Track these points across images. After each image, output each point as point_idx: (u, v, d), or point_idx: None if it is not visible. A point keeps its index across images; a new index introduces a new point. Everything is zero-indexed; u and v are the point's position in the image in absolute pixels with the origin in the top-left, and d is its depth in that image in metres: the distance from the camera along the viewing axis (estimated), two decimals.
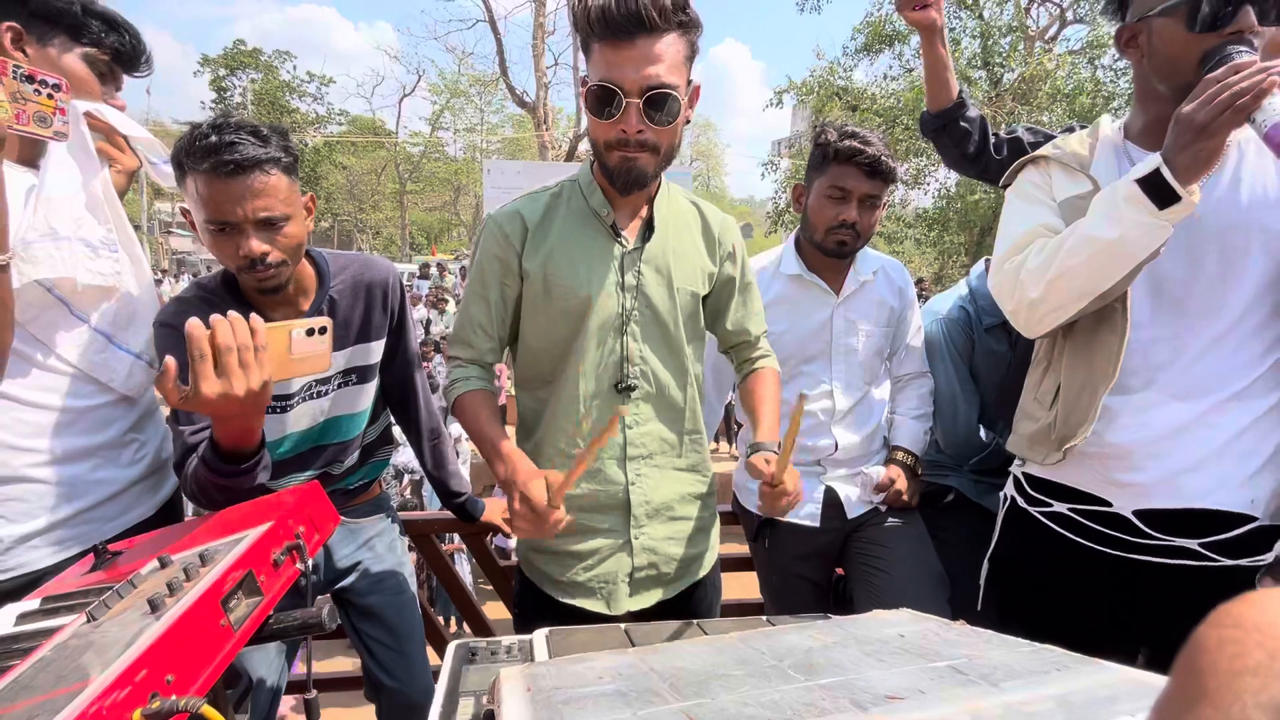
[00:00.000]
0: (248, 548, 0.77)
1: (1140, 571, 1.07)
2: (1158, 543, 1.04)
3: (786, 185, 12.59)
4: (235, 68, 26.92)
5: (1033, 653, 0.60)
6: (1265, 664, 0.21)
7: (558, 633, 0.94)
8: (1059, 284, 1.03)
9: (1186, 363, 1.02)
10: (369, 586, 1.43)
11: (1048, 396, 1.16)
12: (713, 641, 0.74)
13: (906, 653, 0.62)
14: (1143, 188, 0.92)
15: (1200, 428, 1.01)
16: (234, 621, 0.71)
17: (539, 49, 17.23)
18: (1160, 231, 0.94)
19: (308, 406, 1.26)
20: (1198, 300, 1.02)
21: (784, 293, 1.52)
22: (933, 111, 1.47)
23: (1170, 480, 1.03)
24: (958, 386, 1.60)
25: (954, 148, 1.51)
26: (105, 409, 1.17)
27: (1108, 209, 0.98)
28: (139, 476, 1.22)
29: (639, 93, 1.00)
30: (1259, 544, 1.00)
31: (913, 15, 1.38)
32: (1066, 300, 1.04)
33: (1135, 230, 0.94)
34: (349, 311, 1.27)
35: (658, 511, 1.21)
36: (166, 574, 0.75)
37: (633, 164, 1.06)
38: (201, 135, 1.04)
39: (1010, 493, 1.29)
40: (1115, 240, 0.95)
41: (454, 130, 32.29)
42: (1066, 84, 10.05)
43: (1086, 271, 1.00)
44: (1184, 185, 0.90)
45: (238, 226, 1.07)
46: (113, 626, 0.66)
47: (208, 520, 1.00)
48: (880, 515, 1.51)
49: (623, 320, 1.15)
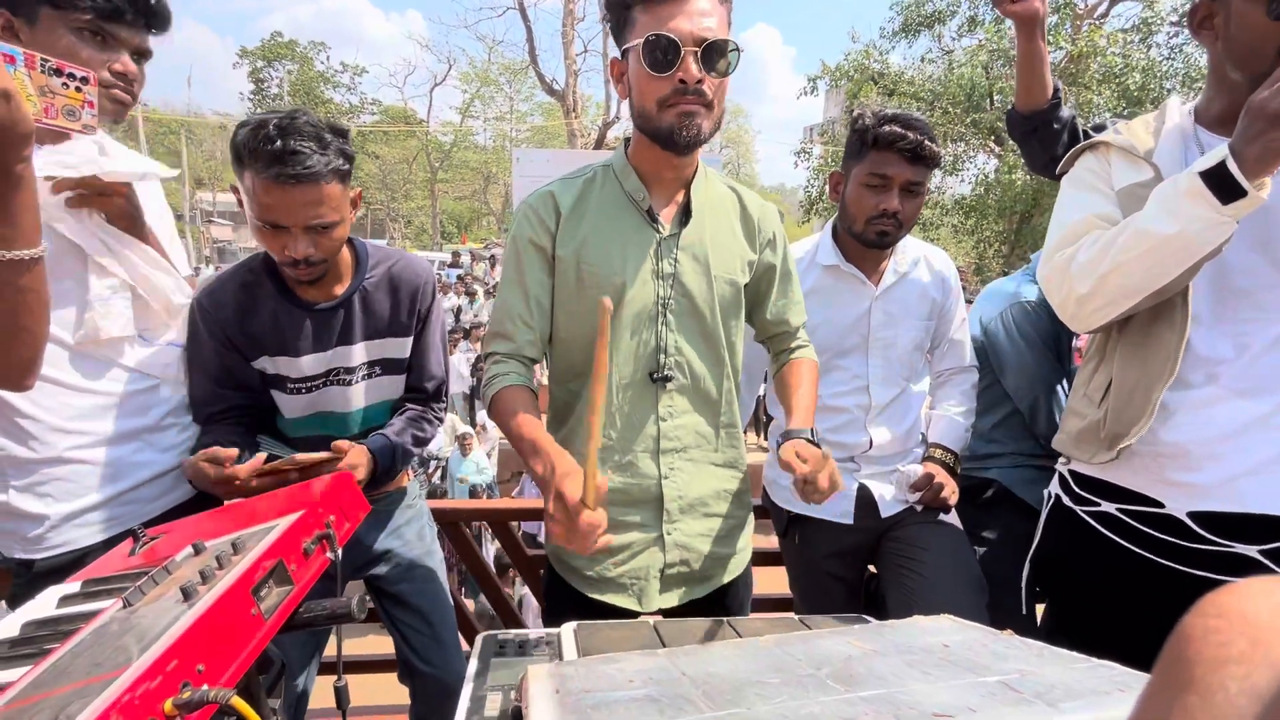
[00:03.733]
0: (279, 537, 0.77)
1: (1190, 586, 1.01)
2: (1211, 548, 0.98)
3: (820, 173, 12.33)
4: (272, 59, 27.48)
5: (1090, 670, 0.57)
6: (1248, 652, 0.21)
7: (585, 627, 0.93)
8: (1111, 280, 0.98)
9: (1252, 358, 0.96)
10: (399, 574, 1.45)
11: (1098, 393, 1.11)
12: (746, 645, 0.71)
13: (953, 665, 0.59)
14: (1205, 181, 0.87)
15: (1265, 428, 0.95)
16: (265, 611, 0.71)
17: (569, 36, 17.15)
18: (1223, 228, 0.88)
19: (336, 391, 1.30)
20: (1267, 292, 0.96)
21: (820, 284, 1.48)
22: (1024, 111, 1.33)
23: (1230, 483, 0.97)
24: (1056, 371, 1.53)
25: (1043, 151, 1.37)
26: (145, 394, 1.20)
27: (1167, 202, 0.92)
28: (179, 460, 1.24)
29: (695, 42, 1.00)
30: None
31: (1014, 8, 1.22)
32: (1118, 297, 1.00)
33: (1195, 225, 0.89)
34: (380, 305, 1.30)
35: (691, 507, 1.18)
36: (200, 561, 0.76)
37: (692, 117, 1.03)
38: (267, 138, 1.06)
39: (1055, 490, 1.24)
40: (1173, 236, 0.90)
41: (484, 119, 32.47)
42: (1118, 63, 9.60)
43: (1141, 268, 0.95)
44: (1252, 179, 0.84)
45: (288, 229, 1.11)
46: (147, 613, 0.66)
47: (241, 507, 1.01)
48: (915, 515, 1.46)
49: (658, 309, 1.12)
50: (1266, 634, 0.21)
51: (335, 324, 1.27)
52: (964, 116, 10.69)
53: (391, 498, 1.46)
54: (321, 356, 1.27)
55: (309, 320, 1.25)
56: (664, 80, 1.01)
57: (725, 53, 1.02)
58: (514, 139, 30.51)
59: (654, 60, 1.00)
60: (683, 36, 0.99)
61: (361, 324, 1.29)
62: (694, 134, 1.04)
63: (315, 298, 1.25)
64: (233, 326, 1.22)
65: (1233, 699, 0.21)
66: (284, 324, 1.24)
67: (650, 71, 1.01)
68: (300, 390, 1.28)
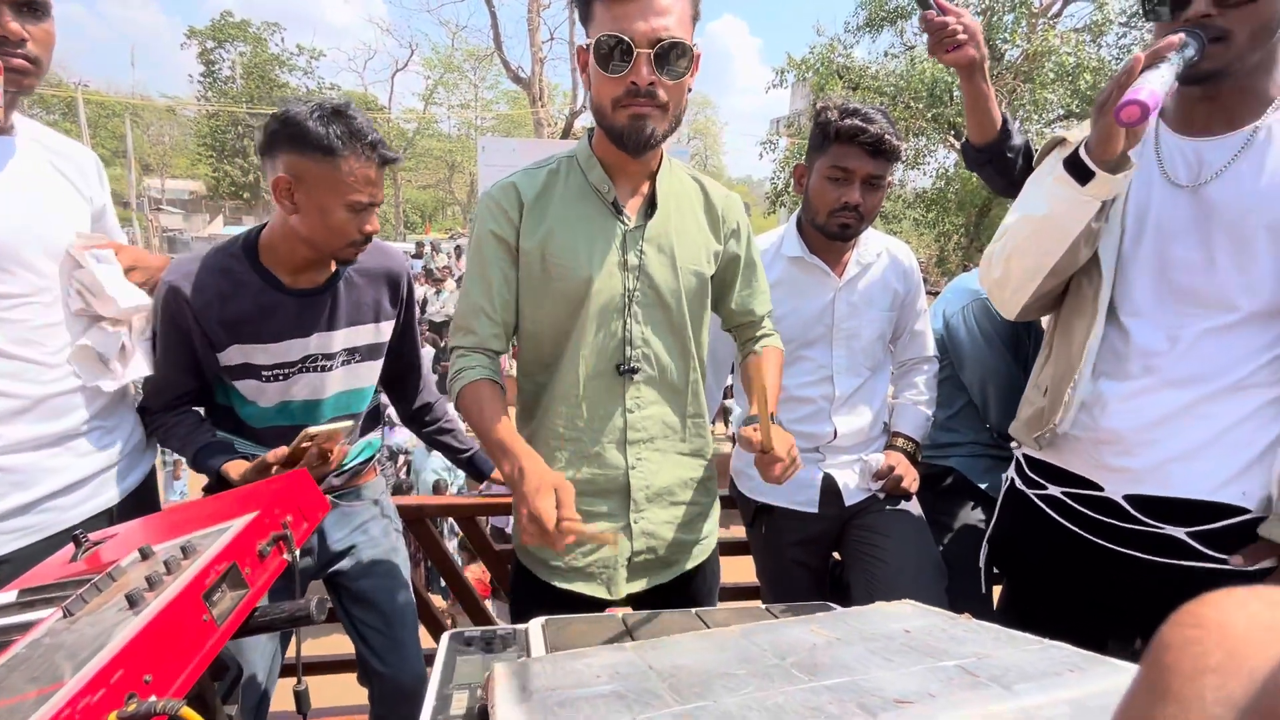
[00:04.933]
0: (232, 539, 0.74)
1: (1130, 567, 1.06)
2: (1146, 530, 1.03)
3: (785, 165, 12.43)
4: (223, 40, 26.33)
5: (1042, 651, 0.58)
6: (1225, 663, 0.21)
7: (553, 622, 0.92)
8: (1013, 263, 1.09)
9: (1183, 349, 1.00)
10: (362, 570, 1.42)
11: (1045, 383, 1.16)
12: (713, 636, 0.72)
13: (913, 651, 0.61)
14: (1066, 167, 0.96)
15: (1193, 416, 1.00)
16: (217, 616, 0.68)
17: (534, 23, 16.88)
18: (1086, 207, 0.97)
19: (312, 378, 1.29)
20: (1206, 288, 1.00)
21: (785, 275, 1.49)
22: (977, 145, 1.38)
23: (1161, 467, 1.02)
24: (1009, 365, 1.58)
25: (1000, 177, 1.42)
26: (64, 397, 1.13)
27: (1041, 188, 1.02)
28: (103, 465, 1.19)
29: (649, 44, 0.98)
30: (1250, 538, 0.98)
31: (948, 57, 1.26)
32: (1022, 279, 1.09)
33: (1061, 206, 0.98)
34: (362, 291, 1.32)
35: (658, 495, 1.19)
36: (147, 567, 0.73)
37: (643, 121, 1.02)
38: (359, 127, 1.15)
39: (1011, 474, 1.29)
40: (1047, 217, 1.01)
41: (448, 106, 31.79)
42: (1070, 62, 9.90)
43: (1030, 249, 1.05)
44: (1096, 160, 0.93)
45: (370, 208, 1.19)
46: (89, 623, 0.63)
47: (193, 508, 0.97)
48: (878, 502, 1.50)
49: (625, 301, 1.12)
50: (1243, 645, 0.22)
51: (320, 310, 1.27)
52: (925, 111, 10.90)
53: (358, 492, 1.44)
54: (302, 342, 1.26)
55: (294, 305, 1.25)
56: (616, 81, 1.00)
57: (681, 55, 1.00)
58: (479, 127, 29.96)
59: (605, 61, 0.99)
60: (636, 37, 0.97)
61: (345, 310, 1.30)
62: (644, 138, 1.03)
63: (301, 283, 1.25)
64: (212, 313, 1.20)
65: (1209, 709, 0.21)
66: (267, 310, 1.22)
67: (603, 72, 1.00)
68: (275, 378, 1.26)
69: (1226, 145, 0.98)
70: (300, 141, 1.11)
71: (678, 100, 1.05)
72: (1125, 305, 1.06)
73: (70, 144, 1.23)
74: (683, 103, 1.07)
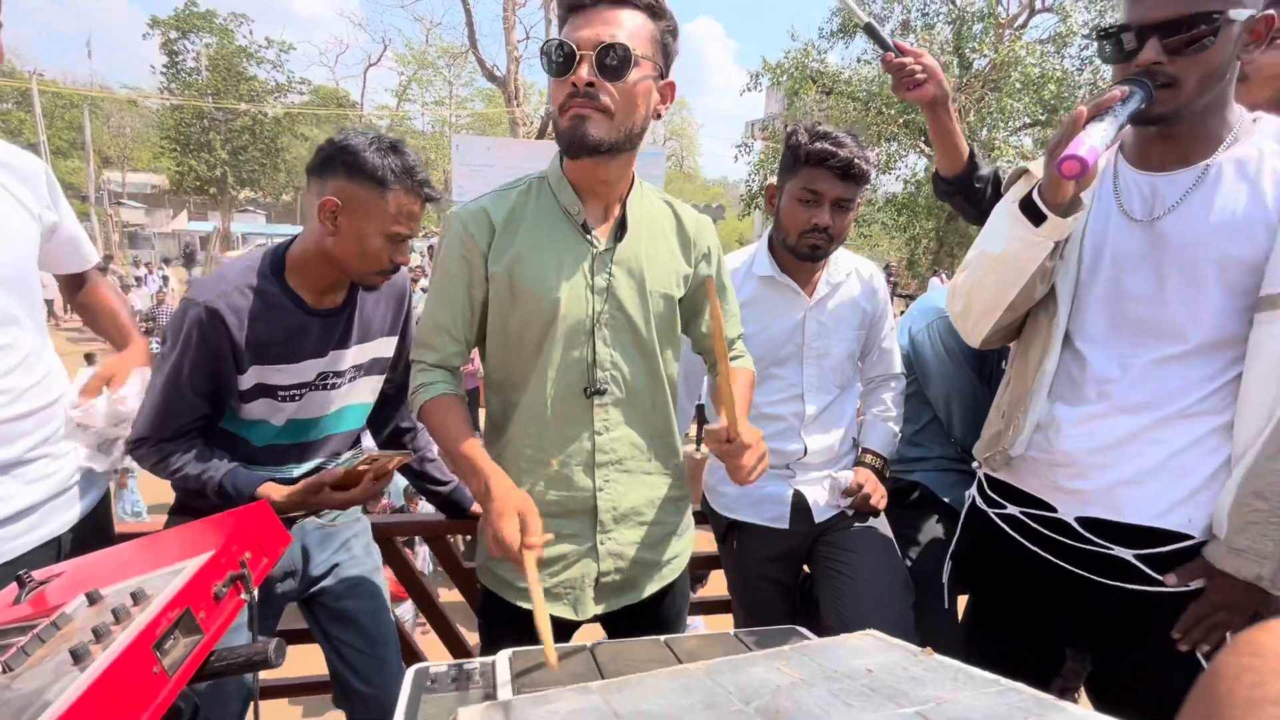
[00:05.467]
0: (185, 583, 0.72)
1: (1081, 586, 1.10)
2: (1097, 550, 1.06)
3: (760, 167, 12.54)
4: (188, 30, 25.53)
5: (999, 694, 0.60)
6: None
7: (521, 654, 0.91)
8: (973, 296, 1.13)
9: (1135, 377, 1.03)
10: (345, 590, 1.40)
11: (1003, 406, 1.20)
12: (679, 676, 0.72)
13: (875, 694, 0.61)
14: (1021, 208, 1.00)
15: (1143, 442, 1.03)
16: (168, 666, 0.66)
17: (510, 21, 16.73)
18: (1040, 247, 1.00)
19: (320, 395, 1.30)
20: (1157, 319, 1.03)
21: (756, 294, 1.50)
22: (946, 177, 1.43)
23: (1111, 491, 1.05)
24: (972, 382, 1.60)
25: (970, 206, 1.47)
26: (10, 424, 1.09)
27: (1000, 226, 1.06)
28: (48, 494, 1.15)
29: (591, 47, 1.00)
30: None
31: (911, 95, 1.31)
32: (981, 313, 1.13)
33: (1016, 245, 1.02)
34: (371, 307, 1.34)
35: (625, 516, 1.18)
36: (94, 614, 0.70)
37: (582, 121, 1.01)
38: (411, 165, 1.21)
39: (973, 493, 1.32)
40: (1003, 255, 1.04)
41: (422, 103, 31.37)
42: (1035, 71, 10.18)
43: (989, 284, 1.09)
44: (1048, 204, 0.96)
45: (406, 239, 1.24)
46: (31, 678, 0.61)
47: (144, 545, 0.94)
48: (847, 519, 1.52)
49: (593, 324, 1.12)
50: None
51: (336, 329, 1.28)
52: (897, 117, 11.10)
53: (340, 512, 1.42)
54: (318, 362, 1.27)
55: (318, 326, 1.25)
56: (561, 84, 1.02)
57: (622, 57, 1.00)
58: (453, 125, 29.62)
59: (549, 64, 1.02)
60: (581, 41, 0.99)
61: (358, 327, 1.32)
62: (581, 137, 1.02)
63: (324, 304, 1.27)
64: (244, 335, 1.18)
65: None
66: (295, 332, 1.23)
67: (551, 77, 1.02)
68: (290, 398, 1.26)
69: (1179, 181, 1.02)
70: (354, 169, 1.16)
71: (626, 109, 1.03)
72: (1081, 333, 1.09)
73: (15, 153, 1.17)
74: (635, 115, 1.04)
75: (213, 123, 25.20)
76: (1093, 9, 10.80)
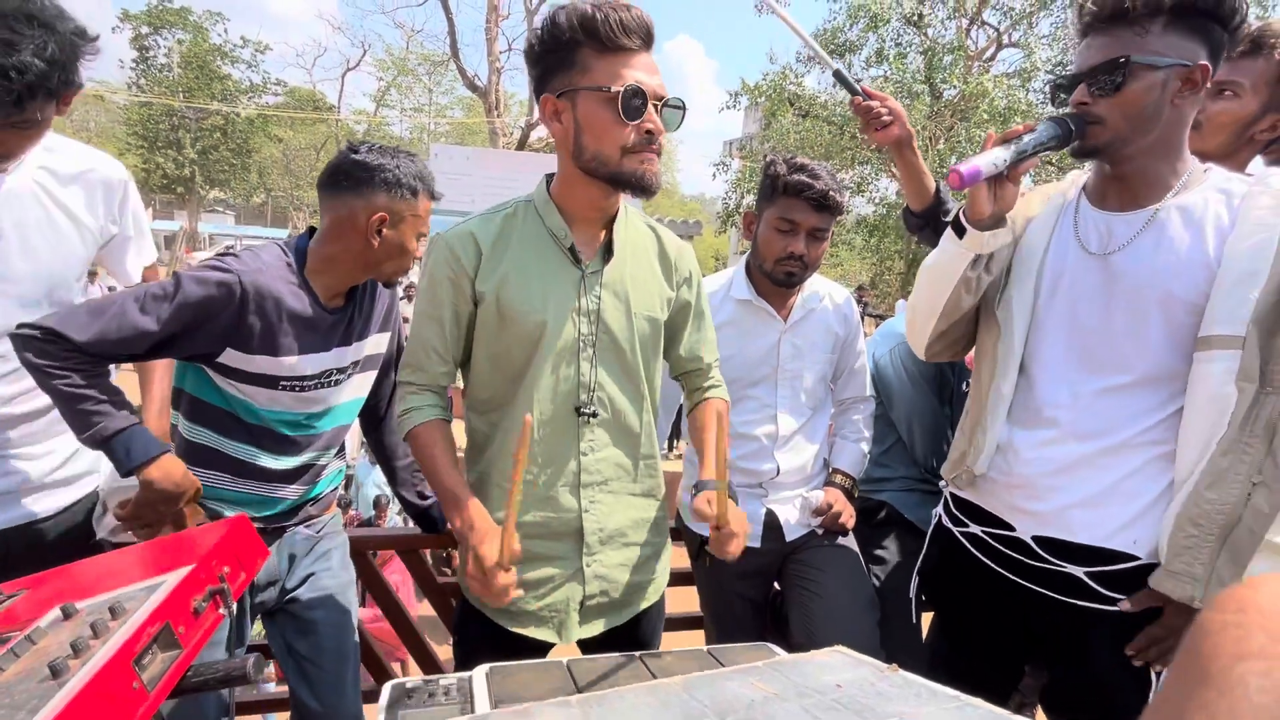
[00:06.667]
0: (164, 598, 0.72)
1: (1038, 603, 1.15)
2: (1052, 569, 1.12)
3: (738, 185, 12.74)
4: (160, 26, 25.00)
5: (959, 710, 0.63)
6: (1268, 647, 0.21)
7: (498, 670, 0.92)
8: (915, 306, 1.24)
9: (1084, 405, 1.10)
10: (316, 600, 1.39)
11: (964, 429, 1.26)
12: (656, 690, 0.74)
13: (844, 709, 0.64)
14: (951, 222, 1.13)
15: (1092, 468, 1.09)
16: (147, 681, 0.66)
17: (492, 33, 16.79)
18: (961, 258, 1.11)
19: (323, 392, 1.31)
20: (1106, 350, 1.09)
21: (733, 317, 1.54)
22: (915, 212, 1.51)
23: (1064, 513, 1.11)
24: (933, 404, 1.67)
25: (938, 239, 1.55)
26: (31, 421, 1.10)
27: (941, 241, 1.18)
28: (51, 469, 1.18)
29: (657, 97, 1.05)
30: (1143, 583, 1.06)
31: (877, 136, 1.39)
32: (921, 320, 1.24)
33: (945, 256, 1.14)
34: (371, 303, 1.37)
35: (611, 538, 1.19)
36: (71, 628, 0.70)
37: (652, 165, 1.08)
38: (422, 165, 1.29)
39: (939, 511, 1.37)
40: (934, 265, 1.17)
41: (400, 109, 31.16)
42: (1001, 104, 10.58)
43: (924, 292, 1.20)
44: (970, 219, 1.08)
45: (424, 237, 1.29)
46: (7, 694, 0.60)
47: (122, 556, 0.93)
48: (817, 538, 1.56)
49: (580, 345, 1.14)
50: None
51: (341, 325, 1.30)
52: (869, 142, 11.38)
53: (326, 523, 1.43)
54: (323, 357, 1.28)
55: (328, 322, 1.27)
56: (631, 128, 1.04)
57: (679, 110, 1.09)
58: (433, 133, 29.46)
59: (630, 109, 1.02)
60: (649, 91, 1.04)
61: (360, 324, 1.34)
62: (654, 182, 1.09)
63: (335, 303, 1.30)
64: (267, 317, 1.19)
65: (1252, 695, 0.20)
66: (309, 324, 1.25)
67: (624, 119, 1.03)
68: (294, 388, 1.27)
69: (1132, 221, 1.09)
70: (393, 185, 1.24)
71: None
72: (1036, 360, 1.16)
73: (97, 162, 1.23)
74: None
75: (182, 120, 24.64)
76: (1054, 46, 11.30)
